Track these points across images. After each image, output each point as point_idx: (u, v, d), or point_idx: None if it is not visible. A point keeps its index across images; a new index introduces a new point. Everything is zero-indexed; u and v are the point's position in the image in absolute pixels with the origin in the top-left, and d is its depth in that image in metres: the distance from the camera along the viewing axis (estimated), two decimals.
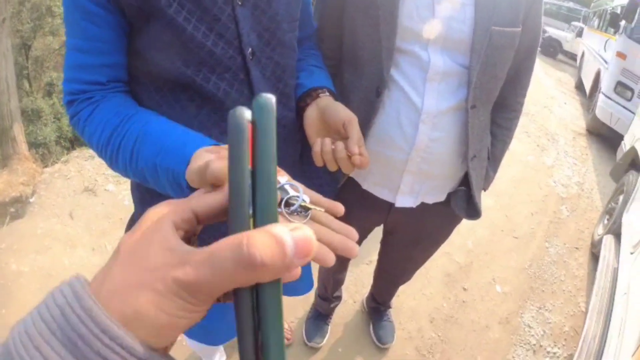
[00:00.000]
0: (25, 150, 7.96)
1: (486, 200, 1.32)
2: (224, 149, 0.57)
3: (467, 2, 0.96)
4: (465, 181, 1.16)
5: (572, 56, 12.90)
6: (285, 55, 0.86)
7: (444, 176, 1.12)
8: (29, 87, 13.92)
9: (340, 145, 0.77)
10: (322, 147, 0.78)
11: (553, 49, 14.78)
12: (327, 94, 0.90)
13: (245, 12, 0.77)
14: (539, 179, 4.47)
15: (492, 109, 1.14)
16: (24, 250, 2.47)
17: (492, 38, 0.96)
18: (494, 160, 1.21)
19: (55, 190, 3.04)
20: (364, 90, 1.01)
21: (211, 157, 0.50)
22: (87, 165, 3.38)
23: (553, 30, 15.98)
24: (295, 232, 0.26)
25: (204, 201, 0.33)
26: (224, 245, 0.25)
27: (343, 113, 0.81)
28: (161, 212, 0.30)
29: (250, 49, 0.79)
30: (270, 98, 0.29)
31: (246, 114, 0.29)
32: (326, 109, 0.85)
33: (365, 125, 1.00)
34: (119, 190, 3.10)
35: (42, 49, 14.30)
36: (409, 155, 1.04)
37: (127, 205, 2.95)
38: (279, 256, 0.25)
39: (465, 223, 1.42)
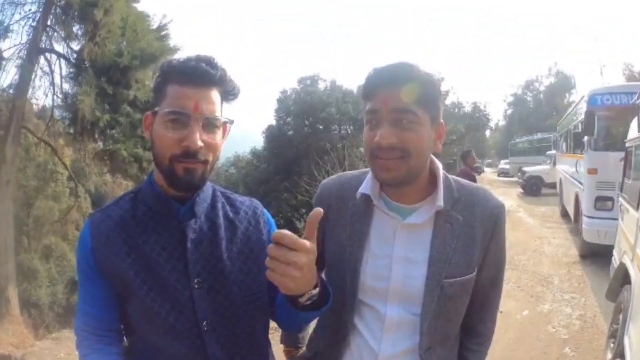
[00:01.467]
0: (17, 313, 7.76)
1: None
2: None
3: (421, 260, 1.05)
4: None
5: (554, 185, 12.82)
6: (240, 324, 1.06)
7: None
8: (27, 245, 14.04)
9: None
10: None
11: (536, 187, 14.93)
12: None
13: (202, 293, 1.01)
14: (537, 332, 4.26)
15: (461, 334, 1.18)
16: None
17: (444, 290, 1.03)
18: None
19: None
20: (334, 335, 1.14)
21: None
22: (76, 352, 3.33)
23: (530, 168, 16.21)
24: None
25: None
26: None
27: None
28: None
29: (205, 322, 1.01)
30: None
31: None
32: None
33: None
34: None
35: (43, 210, 14.69)
36: None
37: None
38: None
39: None
